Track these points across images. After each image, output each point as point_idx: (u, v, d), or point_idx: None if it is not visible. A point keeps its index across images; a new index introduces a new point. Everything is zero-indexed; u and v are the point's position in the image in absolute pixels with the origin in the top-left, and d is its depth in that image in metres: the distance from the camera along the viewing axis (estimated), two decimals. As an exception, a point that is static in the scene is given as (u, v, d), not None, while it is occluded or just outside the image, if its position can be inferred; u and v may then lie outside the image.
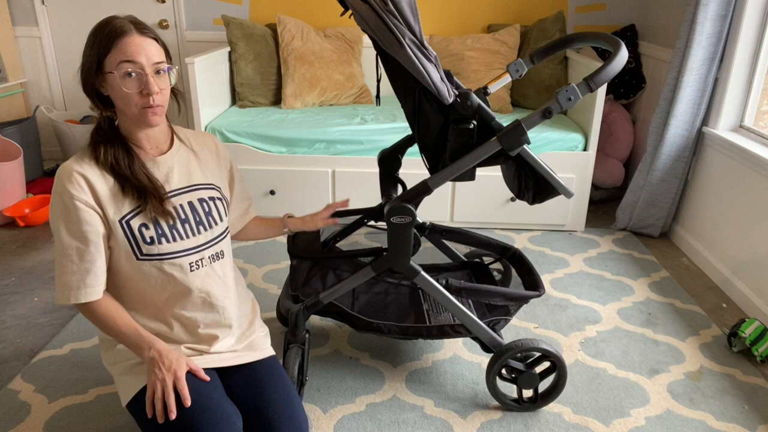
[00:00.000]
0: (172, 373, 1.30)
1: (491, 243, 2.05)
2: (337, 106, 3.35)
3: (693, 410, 1.81)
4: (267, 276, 2.57)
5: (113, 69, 1.26)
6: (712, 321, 2.28)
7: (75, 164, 1.30)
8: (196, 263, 1.41)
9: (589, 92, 1.47)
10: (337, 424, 1.72)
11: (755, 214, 2.36)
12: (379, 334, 1.80)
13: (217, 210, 1.46)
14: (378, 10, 1.40)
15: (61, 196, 1.28)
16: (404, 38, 1.41)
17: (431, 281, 1.69)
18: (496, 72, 3.23)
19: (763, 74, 2.55)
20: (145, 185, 1.34)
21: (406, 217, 1.58)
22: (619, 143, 3.36)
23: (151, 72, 1.28)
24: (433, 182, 1.59)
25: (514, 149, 1.52)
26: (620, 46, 1.50)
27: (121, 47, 1.26)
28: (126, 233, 1.33)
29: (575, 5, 3.54)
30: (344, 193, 2.98)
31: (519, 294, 1.76)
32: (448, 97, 1.51)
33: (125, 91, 1.27)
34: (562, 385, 1.75)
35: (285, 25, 3.27)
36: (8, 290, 2.42)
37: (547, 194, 1.62)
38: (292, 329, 1.74)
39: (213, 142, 1.55)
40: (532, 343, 1.69)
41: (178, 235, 1.38)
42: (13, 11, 3.66)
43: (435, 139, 1.58)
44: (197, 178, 1.45)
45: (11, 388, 1.84)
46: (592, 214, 3.25)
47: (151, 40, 1.30)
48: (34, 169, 3.52)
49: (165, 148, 1.42)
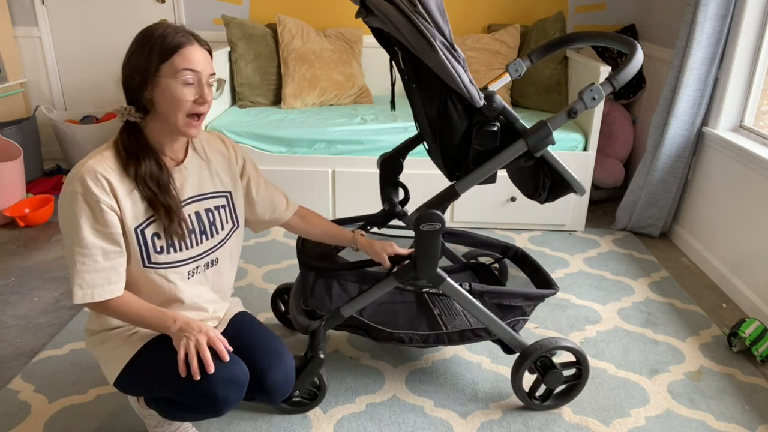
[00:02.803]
0: (204, 333, 1.33)
1: (493, 243, 2.04)
2: (337, 106, 3.35)
3: (693, 410, 1.81)
4: (267, 276, 2.57)
5: (172, 75, 1.28)
6: (712, 321, 2.28)
7: (98, 166, 1.29)
8: (194, 271, 1.46)
9: (613, 91, 1.46)
10: (337, 424, 1.72)
11: (755, 214, 2.35)
12: (401, 344, 1.75)
13: (221, 219, 1.50)
14: (407, 12, 1.35)
15: (84, 197, 1.27)
16: (435, 40, 1.37)
17: (456, 287, 1.65)
18: (496, 72, 3.23)
19: (763, 74, 2.55)
20: (170, 203, 1.35)
21: (436, 224, 1.53)
22: (619, 143, 3.36)
23: (206, 83, 1.33)
24: (461, 187, 1.56)
25: (540, 150, 1.51)
26: (635, 46, 1.50)
27: (185, 55, 1.29)
28: (139, 241, 1.35)
29: (575, 5, 3.54)
30: (344, 194, 2.98)
31: (537, 293, 1.76)
32: (479, 99, 1.47)
33: (181, 98, 1.29)
34: (585, 380, 1.76)
35: (285, 25, 3.27)
36: (8, 290, 2.42)
37: (562, 192, 1.62)
38: (313, 346, 1.68)
39: (225, 146, 1.56)
40: (555, 342, 1.70)
41: (185, 244, 1.42)
42: (13, 11, 3.66)
43: (459, 144, 1.54)
44: (207, 186, 1.48)
45: (11, 388, 1.84)
46: (592, 214, 3.25)
47: (208, 54, 1.35)
48: (34, 169, 3.52)
49: (181, 157, 1.44)
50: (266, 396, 1.46)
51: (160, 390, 1.39)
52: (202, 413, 1.39)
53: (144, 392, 1.46)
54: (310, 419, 1.73)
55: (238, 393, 1.35)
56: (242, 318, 1.61)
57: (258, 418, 1.73)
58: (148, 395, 1.48)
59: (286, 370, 1.47)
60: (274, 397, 1.47)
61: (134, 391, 1.47)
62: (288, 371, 1.48)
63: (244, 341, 1.48)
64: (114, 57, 3.78)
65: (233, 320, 1.60)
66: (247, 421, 1.72)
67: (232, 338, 1.43)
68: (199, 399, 1.32)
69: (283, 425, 1.71)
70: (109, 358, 1.43)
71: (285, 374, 1.47)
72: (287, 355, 1.50)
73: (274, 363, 1.45)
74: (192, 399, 1.33)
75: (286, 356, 1.49)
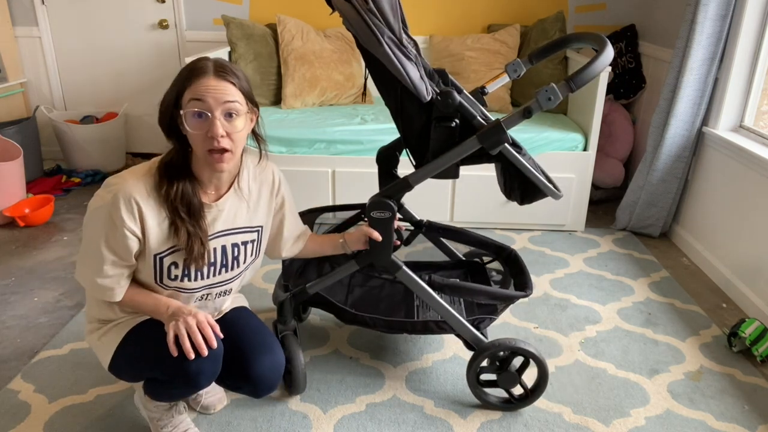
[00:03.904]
0: (193, 316, 1.33)
1: (487, 242, 2.05)
2: (337, 106, 3.35)
3: (693, 410, 1.81)
4: (267, 276, 2.57)
5: (185, 107, 1.26)
6: (712, 321, 2.28)
7: (134, 190, 1.29)
8: (203, 297, 1.49)
9: (570, 93, 1.46)
10: (337, 424, 1.72)
11: (755, 214, 2.35)
12: (365, 326, 1.81)
13: (245, 254, 1.50)
14: (359, 9, 1.41)
15: (111, 214, 1.28)
16: (383, 36, 1.43)
17: (413, 277, 1.69)
18: (496, 72, 3.23)
19: (763, 74, 2.55)
20: (197, 234, 1.35)
21: (386, 212, 1.61)
22: (619, 143, 3.36)
23: (220, 114, 1.26)
24: (413, 179, 1.61)
25: (494, 148, 1.52)
26: (606, 45, 1.50)
27: (195, 86, 1.25)
28: (155, 265, 1.37)
29: (575, 5, 3.54)
30: (344, 194, 2.98)
31: (503, 293, 1.76)
32: (426, 95, 1.52)
33: (191, 132, 1.27)
34: (545, 382, 1.75)
35: (285, 25, 3.27)
36: (8, 290, 2.42)
37: (535, 195, 1.62)
38: (280, 317, 1.79)
39: (273, 181, 1.55)
40: (511, 342, 1.70)
41: (201, 275, 1.43)
42: (13, 11, 3.66)
43: (418, 137, 1.59)
44: (241, 221, 1.47)
45: (11, 388, 1.84)
46: (592, 214, 3.25)
47: (227, 84, 1.26)
48: (34, 169, 3.52)
49: (223, 192, 1.43)
50: (251, 387, 1.47)
51: (146, 370, 1.41)
52: (181, 388, 1.40)
53: (134, 374, 1.47)
54: (310, 419, 1.74)
55: (213, 365, 1.35)
56: (239, 310, 1.63)
57: (258, 418, 1.73)
58: (138, 377, 1.49)
59: (274, 362, 1.48)
60: (259, 389, 1.48)
61: (126, 374, 1.48)
62: (275, 364, 1.48)
63: (235, 330, 1.50)
64: (114, 57, 3.79)
65: (230, 311, 1.62)
66: (247, 421, 1.72)
67: (225, 325, 1.45)
68: (174, 372, 1.33)
69: (283, 425, 1.71)
70: (102, 345, 1.47)
71: (272, 366, 1.47)
72: (277, 350, 1.50)
73: (262, 354, 1.46)
74: (169, 374, 1.35)
75: (275, 350, 1.50)
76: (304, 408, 1.78)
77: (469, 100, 1.71)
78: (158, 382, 1.42)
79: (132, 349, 1.42)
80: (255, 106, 1.36)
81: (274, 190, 1.56)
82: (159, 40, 3.72)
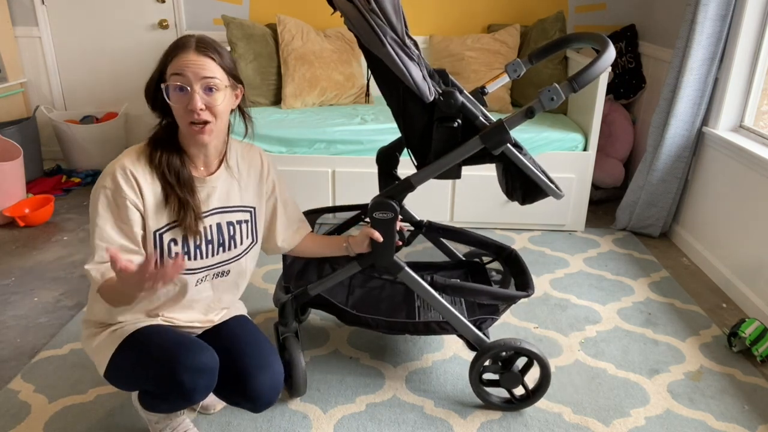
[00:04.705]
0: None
1: (488, 243, 2.05)
2: (337, 106, 3.35)
3: (693, 410, 1.81)
4: (267, 276, 2.57)
5: (168, 80, 1.30)
6: (712, 321, 2.28)
7: (128, 162, 1.33)
8: (202, 279, 1.48)
9: (573, 92, 1.46)
10: (337, 424, 1.72)
11: (755, 214, 2.35)
12: (366, 327, 1.81)
13: (241, 233, 1.51)
14: (361, 9, 1.41)
15: (113, 193, 1.31)
16: (386, 37, 1.43)
17: (415, 277, 1.69)
18: (496, 72, 3.23)
19: (763, 74, 2.55)
20: (188, 201, 1.37)
21: (389, 213, 1.60)
22: (619, 143, 3.36)
23: (200, 88, 1.30)
24: (416, 179, 1.60)
25: (497, 148, 1.52)
26: (608, 45, 1.50)
27: (176, 60, 1.29)
28: (155, 245, 1.37)
29: (575, 5, 3.54)
30: (344, 194, 2.98)
31: (505, 293, 1.76)
32: (429, 95, 1.52)
33: (173, 104, 1.31)
34: (547, 382, 1.75)
35: (285, 25, 3.27)
36: (8, 290, 2.42)
37: (536, 195, 1.62)
38: (281, 319, 1.79)
39: (261, 162, 1.56)
40: (514, 342, 1.70)
41: (200, 254, 1.43)
42: (13, 11, 3.66)
43: (420, 137, 1.59)
44: (234, 199, 1.49)
45: (11, 388, 1.84)
46: (592, 214, 3.25)
47: (207, 59, 1.31)
48: (34, 169, 3.52)
49: (214, 168, 1.45)
50: (250, 404, 1.45)
51: (141, 382, 1.41)
52: (175, 402, 1.40)
53: (129, 383, 1.47)
54: (310, 419, 1.74)
55: (208, 380, 1.35)
56: (239, 320, 1.62)
57: (258, 418, 1.73)
58: (133, 387, 1.49)
59: (273, 377, 1.46)
60: (258, 405, 1.46)
61: (121, 384, 1.48)
62: (275, 380, 1.46)
63: (234, 344, 1.49)
64: (114, 57, 3.78)
65: (229, 321, 1.60)
66: (247, 421, 1.72)
67: (223, 339, 1.45)
68: (169, 387, 1.33)
69: (283, 425, 1.71)
70: (98, 351, 1.46)
71: (271, 382, 1.45)
72: (276, 365, 1.48)
73: (261, 369, 1.44)
74: (164, 388, 1.35)
75: (274, 364, 1.48)
76: (304, 408, 1.78)
77: (470, 101, 1.71)
78: (153, 395, 1.42)
79: (127, 360, 1.41)
80: (239, 82, 1.40)
81: (264, 175, 1.56)
82: (159, 40, 3.71)
